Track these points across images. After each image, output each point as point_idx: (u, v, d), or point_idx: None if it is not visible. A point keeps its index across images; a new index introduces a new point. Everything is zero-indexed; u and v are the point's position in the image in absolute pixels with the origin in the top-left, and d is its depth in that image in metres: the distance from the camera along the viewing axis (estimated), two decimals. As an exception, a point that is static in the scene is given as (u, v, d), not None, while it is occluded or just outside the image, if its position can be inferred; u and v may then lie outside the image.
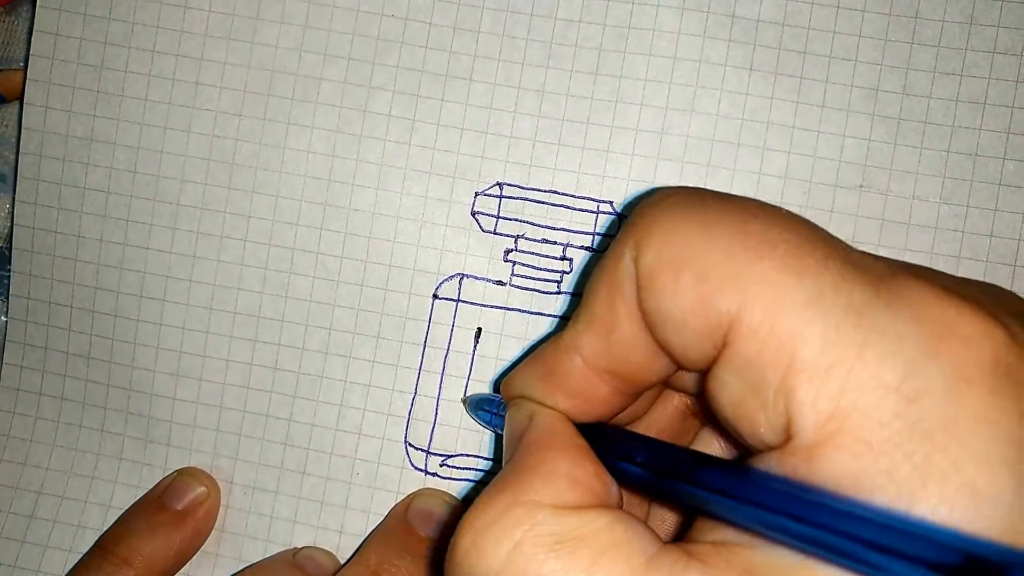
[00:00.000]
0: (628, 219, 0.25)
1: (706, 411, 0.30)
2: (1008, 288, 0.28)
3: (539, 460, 0.24)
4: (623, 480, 0.25)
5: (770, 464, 0.21)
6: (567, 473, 0.24)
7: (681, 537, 0.24)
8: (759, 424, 0.21)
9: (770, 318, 0.21)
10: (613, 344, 0.25)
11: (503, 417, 0.29)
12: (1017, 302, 0.23)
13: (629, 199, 0.38)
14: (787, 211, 0.23)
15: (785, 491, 0.20)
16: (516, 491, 0.23)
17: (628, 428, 0.29)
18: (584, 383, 0.26)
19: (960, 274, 0.36)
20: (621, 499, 0.25)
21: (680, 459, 0.24)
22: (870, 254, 0.23)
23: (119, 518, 0.40)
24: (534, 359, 0.28)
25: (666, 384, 0.29)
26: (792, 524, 0.19)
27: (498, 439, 0.38)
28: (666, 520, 0.30)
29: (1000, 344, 0.20)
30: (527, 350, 0.39)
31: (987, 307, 0.20)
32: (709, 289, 0.22)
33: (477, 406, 0.38)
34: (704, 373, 0.23)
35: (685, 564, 0.21)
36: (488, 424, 0.37)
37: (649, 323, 0.24)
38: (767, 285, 0.21)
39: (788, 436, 0.20)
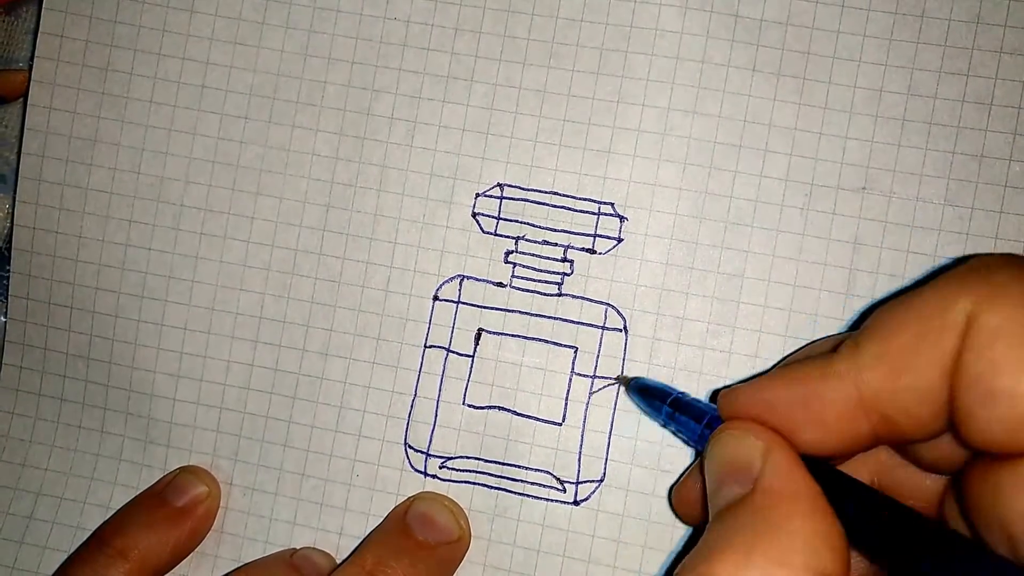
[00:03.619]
0: (963, 269, 0.23)
1: (924, 492, 0.27)
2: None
3: (790, 513, 0.22)
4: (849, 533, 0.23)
5: None
6: (824, 536, 0.22)
7: None
8: None
9: None
10: (902, 388, 0.23)
11: (697, 428, 0.27)
12: None
13: (630, 200, 0.38)
14: None
15: None
16: (775, 549, 0.21)
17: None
18: (846, 419, 0.24)
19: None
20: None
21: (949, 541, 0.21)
22: None
23: (118, 510, 0.40)
24: (786, 379, 0.26)
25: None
26: None
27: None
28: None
29: None
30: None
31: None
32: None
33: (643, 392, 0.36)
34: (970, 460, 0.21)
35: None
36: (654, 414, 0.35)
37: (960, 383, 0.22)
38: None
39: None
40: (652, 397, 0.35)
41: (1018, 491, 0.20)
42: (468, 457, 0.39)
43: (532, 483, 0.38)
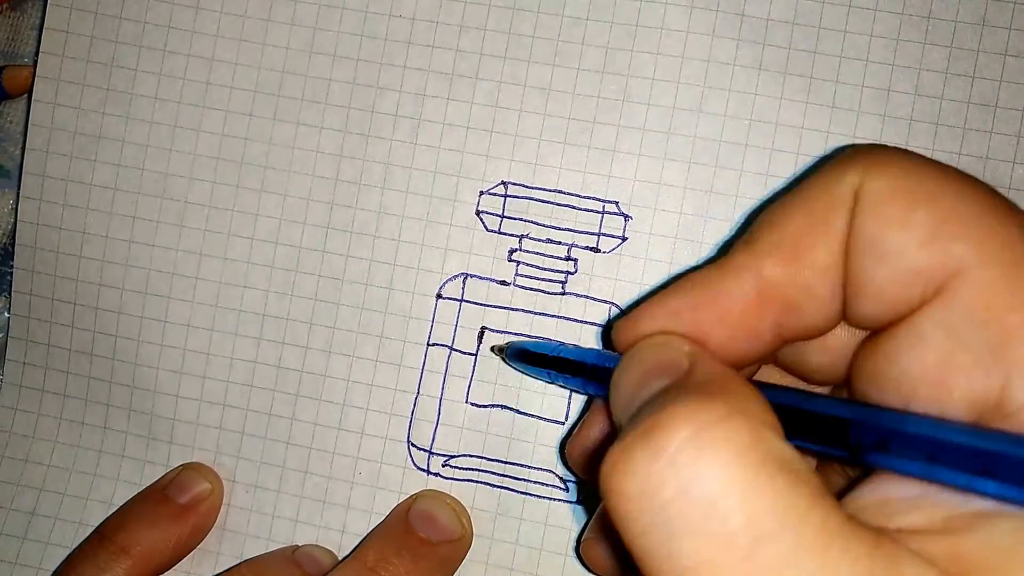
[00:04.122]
0: (844, 155, 0.23)
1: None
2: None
3: (735, 385, 0.21)
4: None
5: None
6: (771, 413, 0.20)
7: None
8: (954, 387, 0.20)
9: (1007, 275, 0.19)
10: (799, 271, 0.23)
11: (572, 370, 0.26)
12: None
13: (635, 199, 0.38)
14: None
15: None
16: (730, 401, 0.19)
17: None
18: (750, 316, 0.23)
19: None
20: None
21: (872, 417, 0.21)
22: None
23: (120, 507, 0.40)
24: (688, 284, 0.25)
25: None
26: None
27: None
28: None
29: None
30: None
31: None
32: (945, 228, 0.20)
33: (519, 357, 0.35)
34: (866, 338, 0.22)
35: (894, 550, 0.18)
36: (536, 372, 0.35)
37: (855, 252, 0.22)
38: (1007, 243, 0.20)
39: (990, 406, 0.19)
40: (533, 361, 0.35)
41: (912, 348, 0.20)
42: (471, 455, 0.39)
43: (535, 482, 0.38)
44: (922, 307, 0.20)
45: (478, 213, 0.39)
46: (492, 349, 0.38)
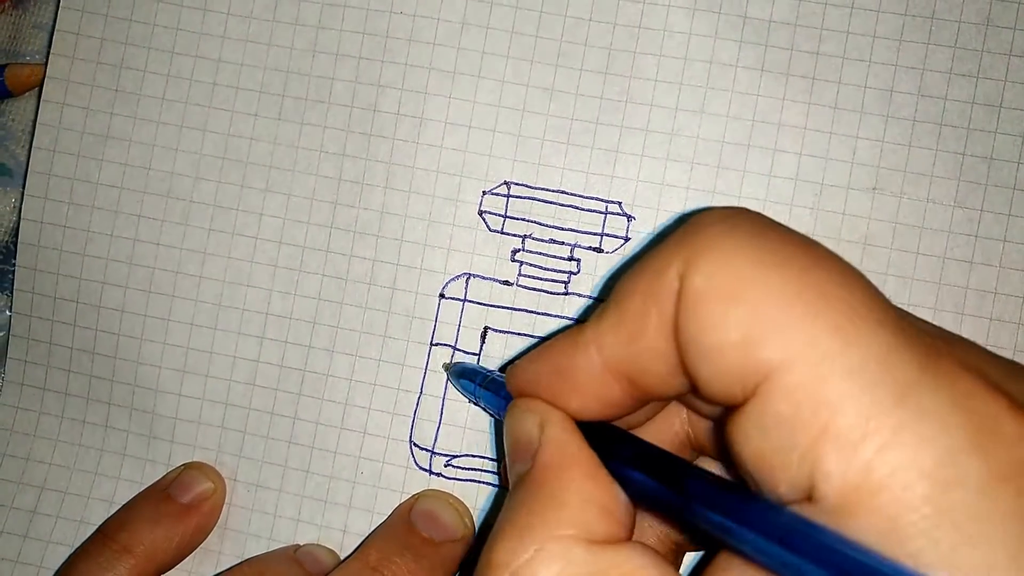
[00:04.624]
0: (680, 230, 0.24)
1: (714, 441, 0.29)
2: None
3: (563, 486, 0.24)
4: (626, 486, 0.24)
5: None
6: (596, 501, 0.23)
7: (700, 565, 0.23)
8: (779, 481, 0.21)
9: (811, 382, 0.20)
10: (637, 352, 0.24)
11: (495, 396, 0.28)
12: None
13: (637, 199, 0.38)
14: (844, 261, 0.22)
15: (824, 540, 0.19)
16: (546, 523, 0.23)
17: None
18: (598, 384, 0.25)
19: (972, 279, 0.36)
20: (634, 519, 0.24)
21: (696, 478, 0.23)
22: (921, 320, 0.23)
23: (123, 506, 0.40)
24: (546, 351, 0.27)
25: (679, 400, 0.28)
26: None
27: (498, 426, 0.38)
28: (653, 526, 0.30)
29: None
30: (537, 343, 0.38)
31: None
32: (756, 333, 0.21)
33: (462, 375, 0.37)
34: (725, 410, 0.23)
35: None
36: (470, 396, 0.37)
37: (680, 343, 0.23)
38: (814, 347, 0.20)
39: (809, 498, 0.20)
40: (466, 379, 0.36)
41: (740, 440, 0.22)
42: (473, 455, 0.39)
43: (536, 483, 0.38)
44: (744, 403, 0.21)
45: (481, 213, 0.39)
46: (444, 367, 0.39)
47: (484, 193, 0.39)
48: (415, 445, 0.39)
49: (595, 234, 0.38)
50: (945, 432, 0.19)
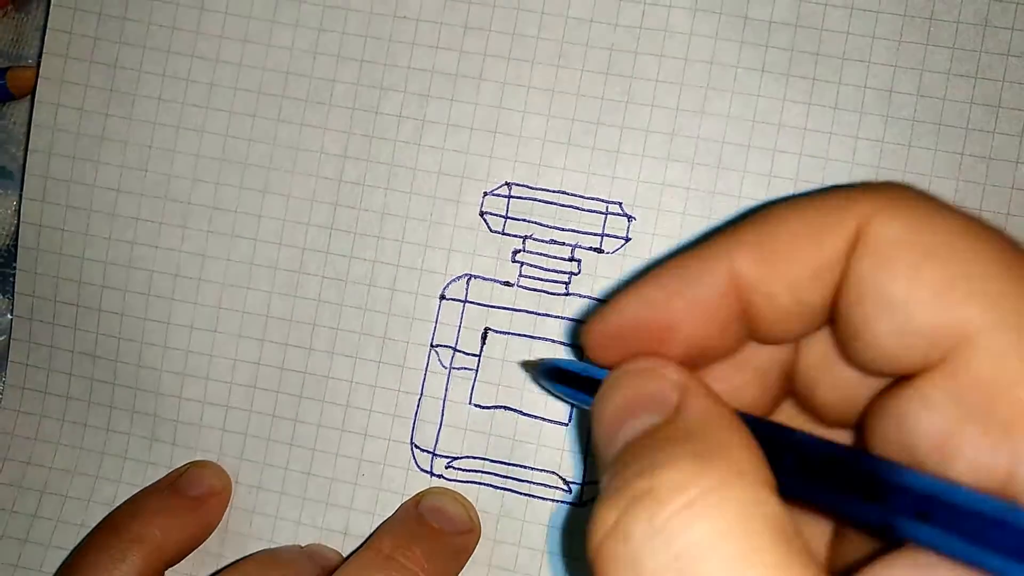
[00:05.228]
0: (861, 183, 0.22)
1: (801, 388, 0.26)
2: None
3: (729, 432, 0.20)
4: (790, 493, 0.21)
5: None
6: (761, 457, 0.20)
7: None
8: (958, 457, 0.19)
9: (1019, 344, 0.18)
10: (769, 274, 0.22)
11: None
12: None
13: (638, 200, 0.38)
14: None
15: None
16: (726, 460, 0.19)
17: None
18: (721, 307, 0.23)
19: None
20: None
21: (896, 487, 0.19)
22: None
23: (128, 499, 0.39)
24: (667, 270, 0.24)
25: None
26: None
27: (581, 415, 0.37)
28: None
29: None
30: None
31: None
32: (955, 287, 0.19)
33: (550, 376, 0.33)
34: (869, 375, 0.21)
35: None
36: (562, 396, 0.33)
37: (852, 294, 0.21)
38: (1020, 308, 0.18)
39: (994, 481, 0.18)
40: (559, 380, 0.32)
41: (918, 412, 0.20)
42: (474, 457, 0.39)
43: (538, 483, 0.38)
44: (928, 370, 0.20)
45: (482, 214, 0.39)
46: (523, 365, 0.38)
47: (485, 194, 0.39)
48: (416, 447, 0.39)
49: (596, 235, 0.38)
50: None
